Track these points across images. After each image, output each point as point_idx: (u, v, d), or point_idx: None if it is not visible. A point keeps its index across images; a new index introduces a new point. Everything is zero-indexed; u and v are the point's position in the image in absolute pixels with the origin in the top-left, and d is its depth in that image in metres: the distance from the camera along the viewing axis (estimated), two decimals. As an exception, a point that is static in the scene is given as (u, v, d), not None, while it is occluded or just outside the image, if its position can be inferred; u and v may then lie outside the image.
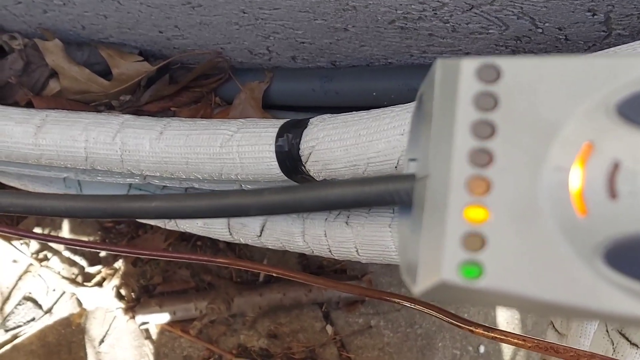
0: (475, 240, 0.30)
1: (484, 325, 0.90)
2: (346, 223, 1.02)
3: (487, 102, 0.31)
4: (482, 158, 0.31)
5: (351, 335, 1.92)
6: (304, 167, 0.88)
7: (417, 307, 0.96)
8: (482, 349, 2.01)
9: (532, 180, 0.30)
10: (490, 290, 0.30)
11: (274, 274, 1.04)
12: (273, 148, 0.89)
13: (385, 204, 0.37)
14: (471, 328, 0.91)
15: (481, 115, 0.31)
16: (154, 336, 1.86)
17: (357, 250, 1.01)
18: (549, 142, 0.30)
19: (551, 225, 0.30)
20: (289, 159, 0.88)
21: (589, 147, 0.29)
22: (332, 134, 0.84)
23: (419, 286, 0.33)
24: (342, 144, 0.83)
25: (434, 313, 0.92)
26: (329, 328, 1.92)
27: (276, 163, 0.89)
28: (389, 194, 0.37)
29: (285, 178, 0.90)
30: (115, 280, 1.84)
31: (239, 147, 0.91)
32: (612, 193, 0.28)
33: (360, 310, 1.94)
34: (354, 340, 1.92)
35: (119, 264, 1.86)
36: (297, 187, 0.39)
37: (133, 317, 1.83)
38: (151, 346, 1.85)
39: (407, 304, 0.99)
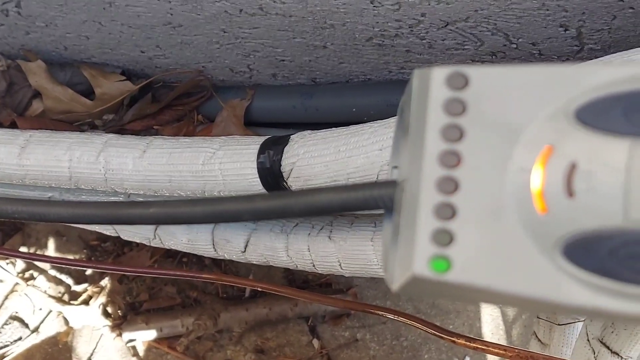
0: (444, 236, 0.32)
1: (466, 336, 0.91)
2: (329, 237, 1.02)
3: (456, 108, 0.33)
4: (451, 160, 0.33)
5: (337, 349, 1.92)
6: (286, 183, 0.88)
7: (402, 319, 0.97)
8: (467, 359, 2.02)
9: (497, 181, 0.32)
10: (457, 283, 0.31)
11: (260, 289, 1.05)
12: (255, 165, 0.89)
13: (369, 208, 0.39)
14: (453, 339, 0.92)
15: (450, 119, 0.33)
16: (141, 353, 1.85)
17: (340, 264, 1.02)
18: (513, 145, 0.32)
19: (514, 222, 0.31)
20: (271, 176, 0.89)
21: (549, 149, 0.31)
22: (312, 150, 0.85)
23: (396, 283, 0.35)
24: (322, 159, 0.84)
25: (418, 325, 0.93)
26: (315, 342, 1.92)
27: (258, 180, 0.89)
28: (373, 199, 0.39)
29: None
30: (102, 298, 1.84)
31: (222, 165, 0.91)
32: (570, 192, 0.30)
33: (346, 323, 1.94)
34: (340, 354, 1.92)
35: (105, 281, 1.86)
36: (287, 193, 0.42)
37: (120, 335, 1.82)
38: None
39: (392, 317, 1.00)
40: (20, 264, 1.85)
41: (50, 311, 1.84)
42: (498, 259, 0.31)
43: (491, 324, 2.06)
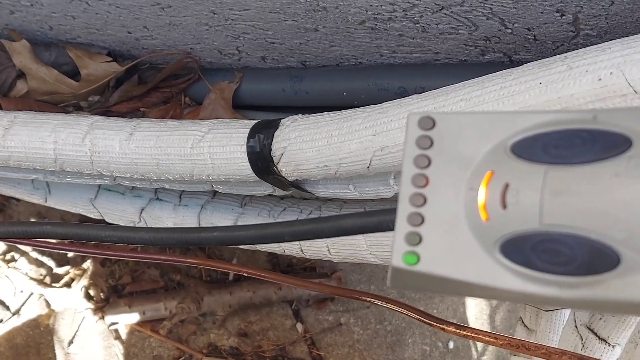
0: (414, 238, 0.43)
1: (456, 324, 0.91)
2: None
3: (425, 143, 0.45)
4: (420, 181, 0.44)
5: (321, 333, 1.93)
6: (276, 167, 0.88)
7: (391, 306, 0.97)
8: (451, 344, 2.02)
9: (454, 197, 0.43)
10: (424, 272, 0.42)
11: (244, 274, 1.04)
12: (244, 149, 0.88)
13: (383, 230, 0.50)
14: (443, 326, 0.91)
15: (421, 151, 0.45)
16: (124, 336, 1.85)
17: (328, 250, 1.01)
18: (465, 171, 0.43)
19: (466, 227, 0.42)
20: (261, 160, 0.88)
21: (490, 174, 0.42)
22: (304, 135, 0.84)
23: (388, 277, 0.45)
24: (314, 144, 0.83)
25: (408, 312, 0.92)
26: (299, 326, 1.92)
27: (248, 164, 0.89)
28: (386, 222, 0.50)
29: (257, 179, 0.90)
30: (84, 281, 1.83)
31: (210, 148, 0.90)
32: (504, 205, 0.41)
33: (330, 307, 1.94)
34: (324, 338, 1.93)
35: (87, 264, 1.85)
36: (320, 219, 0.55)
37: (102, 318, 1.82)
38: (121, 346, 1.84)
39: (378, 302, 0.99)
40: (1, 245, 1.83)
41: (32, 293, 1.83)
42: (453, 255, 0.42)
43: (475, 308, 2.07)
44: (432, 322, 0.92)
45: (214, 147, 0.90)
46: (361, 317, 1.95)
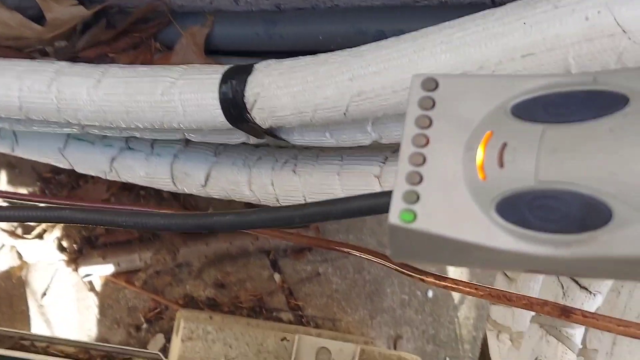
0: (412, 196, 0.43)
1: (435, 274, 0.89)
2: (294, 171, 1.00)
3: (427, 104, 0.46)
4: (421, 141, 0.45)
5: (299, 283, 1.92)
6: (250, 114, 0.85)
7: (366, 256, 0.95)
8: (430, 293, 2.02)
9: (453, 157, 0.43)
10: (419, 230, 0.42)
11: None
12: (217, 95, 0.85)
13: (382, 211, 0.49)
14: (422, 277, 0.90)
15: (423, 112, 0.46)
16: (98, 288, 1.83)
17: (305, 199, 0.99)
18: (466, 131, 0.44)
19: (463, 187, 0.42)
20: (234, 107, 0.85)
21: (489, 134, 0.43)
22: (278, 80, 0.82)
23: (388, 244, 0.46)
24: (289, 90, 0.81)
25: (388, 263, 0.90)
26: (276, 276, 1.91)
27: (220, 111, 0.86)
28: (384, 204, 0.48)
29: (231, 126, 0.88)
30: (57, 232, 1.80)
31: (182, 95, 0.87)
32: (501, 163, 0.41)
33: (307, 257, 1.93)
34: (302, 288, 1.92)
35: (60, 215, 1.82)
36: (329, 201, 0.55)
37: (76, 269, 1.80)
38: (95, 298, 1.83)
39: (356, 253, 0.97)
40: (-30, 197, 1.80)
41: (3, 245, 1.80)
42: (450, 214, 0.42)
43: (454, 258, 2.05)
44: (411, 273, 0.90)
45: (185, 93, 0.88)
46: (339, 267, 1.94)
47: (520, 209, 0.40)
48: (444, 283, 0.89)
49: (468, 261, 0.46)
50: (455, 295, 2.03)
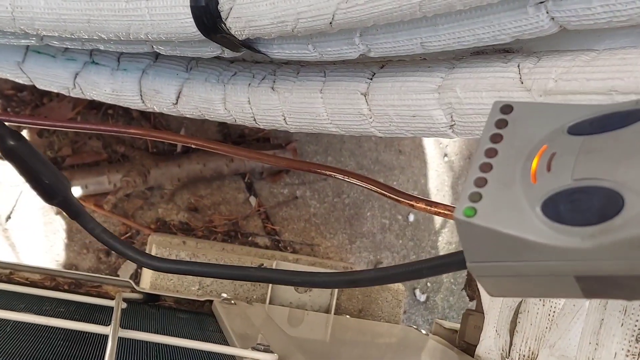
0: (476, 196, 0.49)
1: (426, 200, 0.84)
2: (272, 88, 0.94)
3: (502, 124, 0.53)
4: (491, 153, 0.51)
5: (276, 207, 1.89)
6: (224, 24, 0.78)
7: (350, 179, 0.90)
8: (411, 217, 1.99)
9: (514, 166, 0.49)
10: (478, 224, 0.48)
11: (193, 145, 0.97)
12: (188, 3, 0.79)
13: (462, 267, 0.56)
14: (412, 202, 0.85)
15: (497, 130, 0.52)
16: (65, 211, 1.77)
17: (284, 119, 0.93)
18: (528, 147, 0.50)
19: (519, 189, 0.48)
20: (207, 16, 0.78)
21: (545, 147, 0.49)
22: (256, -15, 0.74)
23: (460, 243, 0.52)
24: (268, -4, 0.73)
25: (374, 187, 0.85)
26: (252, 199, 1.89)
27: (192, 20, 0.79)
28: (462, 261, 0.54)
29: (204, 38, 0.81)
30: (21, 153, 1.73)
31: (149, 2, 0.81)
32: (548, 168, 0.47)
33: (285, 180, 1.90)
34: (279, 212, 1.90)
35: (24, 134, 1.74)
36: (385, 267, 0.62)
37: (41, 192, 1.73)
38: (62, 222, 1.79)
39: (339, 176, 0.92)
40: None
41: (-36, 165, 1.74)
42: (504, 212, 0.48)
43: (436, 180, 2.02)
44: (400, 198, 0.85)
45: (152, 0, 0.81)
46: (318, 190, 1.90)
47: (558, 206, 0.45)
48: (435, 209, 0.84)
49: (524, 262, 0.48)
50: (437, 220, 2.00)
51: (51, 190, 0.75)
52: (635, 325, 0.81)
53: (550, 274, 0.48)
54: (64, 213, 0.77)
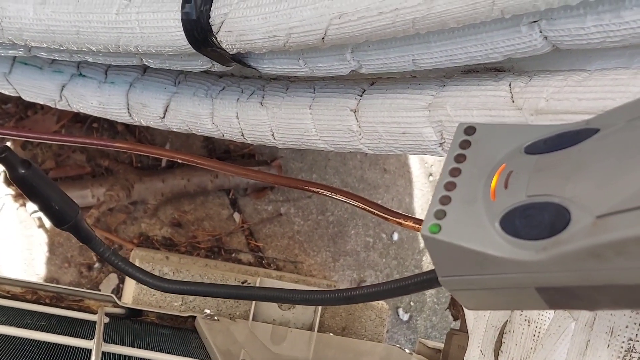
0: (440, 213, 0.52)
1: (415, 218, 0.83)
2: (260, 104, 0.93)
3: (465, 145, 0.55)
4: (455, 172, 0.54)
5: (260, 223, 1.89)
6: (215, 38, 0.78)
7: (337, 196, 0.89)
8: (395, 236, 1.99)
9: (476, 184, 0.52)
10: (442, 240, 0.50)
11: (178, 160, 0.96)
12: (179, 16, 0.78)
13: (435, 286, 0.58)
14: (400, 220, 0.84)
15: (461, 151, 0.55)
16: (48, 225, 1.77)
17: (272, 134, 0.93)
18: (489, 166, 0.53)
19: (480, 206, 0.51)
20: (198, 29, 0.78)
21: (504, 166, 0.52)
22: (248, 0, 0.74)
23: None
24: (260, 10, 0.73)
25: (361, 205, 0.84)
26: (236, 216, 1.89)
27: (182, 33, 0.79)
28: (435, 279, 0.57)
29: (194, 51, 0.80)
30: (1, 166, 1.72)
31: (139, 15, 0.80)
32: (506, 185, 0.50)
33: (269, 196, 1.90)
34: (262, 229, 1.89)
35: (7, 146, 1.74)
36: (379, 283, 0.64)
37: (23, 205, 1.76)
38: (45, 235, 1.78)
39: (327, 193, 0.92)
40: None
41: (-55, 178, 1.73)
42: (466, 228, 0.50)
43: (421, 199, 2.03)
44: (387, 215, 0.84)
45: (143, 13, 0.80)
46: (302, 208, 1.90)
47: (514, 221, 0.48)
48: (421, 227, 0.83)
49: (489, 275, 0.51)
50: (421, 239, 2.00)
51: (61, 216, 0.75)
52: (622, 347, 0.81)
53: (513, 286, 0.50)
54: (74, 237, 0.77)
